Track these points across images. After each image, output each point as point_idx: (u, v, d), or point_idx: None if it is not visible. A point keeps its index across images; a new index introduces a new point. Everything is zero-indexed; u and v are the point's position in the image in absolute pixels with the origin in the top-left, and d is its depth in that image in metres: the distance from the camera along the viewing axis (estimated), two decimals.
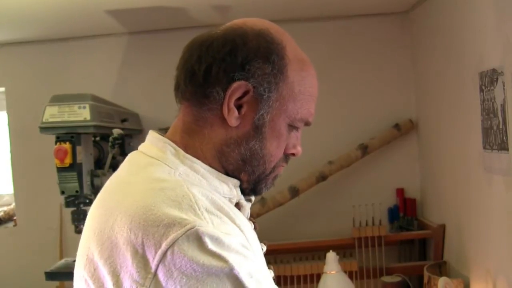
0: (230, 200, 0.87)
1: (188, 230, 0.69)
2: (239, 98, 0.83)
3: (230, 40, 0.83)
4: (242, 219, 0.86)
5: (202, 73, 0.83)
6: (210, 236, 0.70)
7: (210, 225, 0.72)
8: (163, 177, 0.80)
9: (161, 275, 0.68)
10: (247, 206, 0.93)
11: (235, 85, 0.82)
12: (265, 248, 0.97)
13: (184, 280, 0.67)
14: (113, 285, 0.72)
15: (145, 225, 0.71)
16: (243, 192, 0.91)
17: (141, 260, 0.70)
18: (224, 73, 0.82)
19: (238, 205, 0.90)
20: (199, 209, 0.74)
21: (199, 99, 0.84)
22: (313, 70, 0.90)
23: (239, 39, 0.83)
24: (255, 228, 0.95)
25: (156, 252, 0.69)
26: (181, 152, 0.84)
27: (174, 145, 0.85)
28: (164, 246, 0.68)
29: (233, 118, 0.83)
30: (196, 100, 0.85)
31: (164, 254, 0.68)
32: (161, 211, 0.72)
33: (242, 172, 0.88)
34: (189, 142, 0.86)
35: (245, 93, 0.83)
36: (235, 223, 0.79)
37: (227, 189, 0.86)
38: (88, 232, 0.80)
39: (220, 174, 0.86)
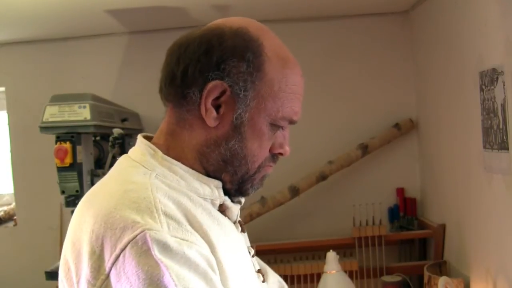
0: (212, 202, 0.85)
1: (138, 234, 0.69)
2: (217, 98, 0.83)
3: (205, 41, 0.82)
4: (222, 222, 0.84)
5: (179, 74, 0.83)
6: (157, 241, 0.69)
7: (164, 229, 0.71)
8: (135, 179, 0.80)
9: (112, 277, 0.69)
10: (234, 208, 0.91)
11: (210, 85, 0.81)
12: (252, 252, 0.95)
13: (128, 287, 0.68)
14: (75, 284, 0.74)
15: (105, 227, 0.72)
16: (229, 193, 0.89)
17: (96, 261, 0.71)
18: (199, 73, 0.82)
19: (223, 207, 0.88)
20: (157, 212, 0.73)
21: (179, 100, 0.85)
22: (297, 68, 0.88)
23: (215, 39, 0.82)
24: (243, 231, 0.93)
25: (111, 255, 0.70)
26: (160, 153, 0.85)
27: (154, 147, 0.86)
28: (118, 249, 0.69)
29: (211, 119, 0.83)
30: (177, 102, 0.85)
31: (117, 258, 0.69)
32: (120, 214, 0.72)
33: (223, 172, 0.86)
34: (172, 144, 0.86)
35: (223, 93, 0.82)
36: (201, 229, 0.77)
37: (209, 190, 0.85)
38: (67, 234, 0.82)
39: (200, 175, 0.85)
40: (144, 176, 0.80)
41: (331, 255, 2.12)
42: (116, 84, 2.84)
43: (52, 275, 2.15)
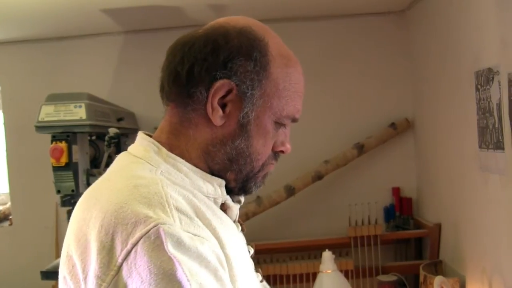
0: (215, 200, 0.86)
1: (151, 229, 0.69)
2: (223, 97, 0.83)
3: (211, 40, 0.82)
4: (225, 221, 0.85)
5: (185, 73, 0.83)
6: (171, 235, 0.69)
7: (176, 224, 0.71)
8: (142, 174, 0.79)
9: (123, 273, 0.68)
10: (234, 207, 0.91)
11: (217, 84, 0.81)
12: (252, 251, 0.96)
13: (139, 283, 0.67)
14: (82, 280, 0.72)
15: (115, 223, 0.71)
16: (232, 191, 0.90)
17: (106, 256, 0.70)
18: (206, 72, 0.82)
19: (224, 206, 0.89)
20: (168, 206, 0.73)
21: (183, 99, 0.84)
22: (299, 67, 0.89)
23: (221, 38, 0.82)
24: (242, 231, 0.94)
25: (121, 250, 0.69)
26: (164, 150, 0.85)
27: (158, 144, 0.85)
28: (129, 245, 0.69)
29: (217, 117, 0.83)
30: (181, 101, 0.85)
31: (128, 253, 0.68)
32: (131, 208, 0.72)
33: (228, 171, 0.87)
34: (175, 143, 0.86)
35: (229, 91, 0.83)
36: (210, 226, 0.78)
37: (212, 188, 0.86)
38: (69, 230, 0.81)
39: (204, 173, 0.86)
40: (150, 173, 0.80)
41: (327, 255, 2.12)
42: (112, 84, 2.83)
43: (48, 275, 2.15)
